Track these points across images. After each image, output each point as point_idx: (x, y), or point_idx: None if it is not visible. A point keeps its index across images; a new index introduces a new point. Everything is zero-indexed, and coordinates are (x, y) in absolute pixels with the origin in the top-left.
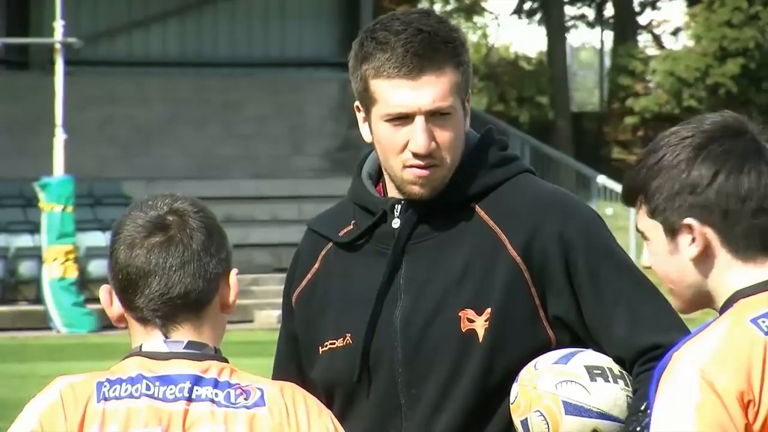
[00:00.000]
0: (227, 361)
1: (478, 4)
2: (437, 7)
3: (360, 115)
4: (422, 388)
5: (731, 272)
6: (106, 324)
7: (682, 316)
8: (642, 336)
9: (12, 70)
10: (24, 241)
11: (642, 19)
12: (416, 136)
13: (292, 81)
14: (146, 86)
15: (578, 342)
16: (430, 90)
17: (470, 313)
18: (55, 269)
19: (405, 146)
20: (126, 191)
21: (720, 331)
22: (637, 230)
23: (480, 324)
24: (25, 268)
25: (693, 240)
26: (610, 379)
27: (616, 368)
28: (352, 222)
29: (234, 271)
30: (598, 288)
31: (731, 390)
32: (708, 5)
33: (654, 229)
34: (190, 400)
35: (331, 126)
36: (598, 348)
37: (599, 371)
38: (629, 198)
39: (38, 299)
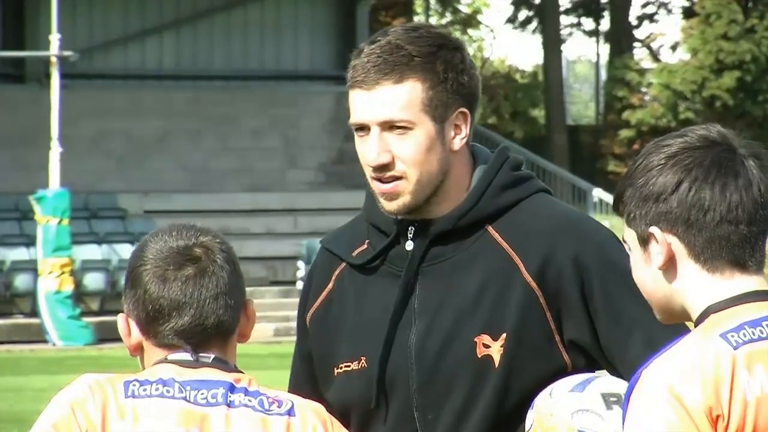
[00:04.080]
0: None
1: (473, 17)
2: (433, 20)
3: None
4: (438, 414)
5: (698, 284)
6: (102, 337)
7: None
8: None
9: (7, 83)
10: (19, 254)
11: (639, 33)
12: (368, 146)
13: (287, 94)
14: (142, 99)
15: (593, 365)
16: (383, 101)
17: (486, 338)
18: (51, 282)
19: (364, 159)
20: (122, 204)
21: (689, 347)
22: (623, 240)
23: (496, 349)
24: (21, 281)
25: (660, 251)
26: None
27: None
28: (366, 242)
29: (251, 301)
30: (613, 312)
31: (700, 406)
32: (704, 18)
33: (631, 238)
34: (228, 405)
35: (326, 139)
36: (614, 372)
37: (615, 398)
38: (616, 208)
39: (34, 312)
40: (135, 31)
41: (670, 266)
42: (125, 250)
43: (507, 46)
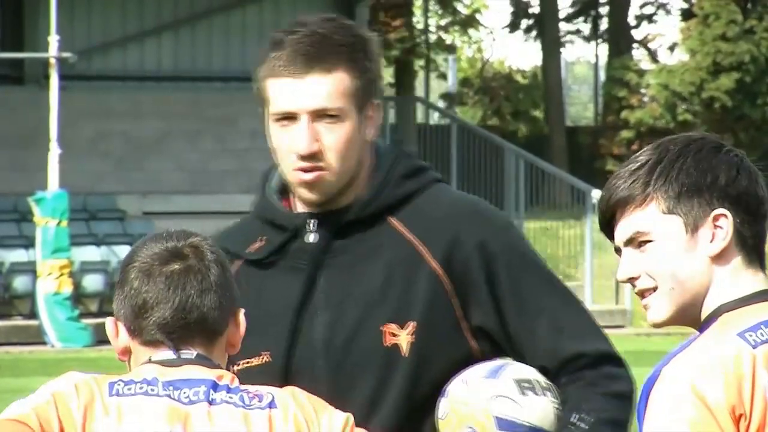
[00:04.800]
0: None
1: (473, 18)
2: (432, 21)
3: (262, 122)
4: (347, 405)
5: (733, 276)
6: (101, 339)
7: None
8: (566, 345)
9: (6, 84)
10: (18, 255)
11: (637, 34)
12: (299, 135)
13: None
14: (140, 101)
15: (500, 351)
16: (315, 89)
17: (393, 327)
18: (50, 284)
19: (291, 148)
20: (121, 206)
21: (709, 346)
22: (632, 235)
23: (403, 338)
24: (20, 282)
25: (714, 236)
26: (539, 391)
27: (543, 380)
28: (261, 238)
29: (242, 311)
30: (520, 298)
31: (723, 405)
32: (703, 19)
33: (668, 226)
34: (209, 402)
35: None
36: (519, 357)
37: (528, 384)
38: (629, 201)
39: (33, 314)
40: (134, 32)
41: (721, 253)
42: (124, 252)
43: (506, 47)
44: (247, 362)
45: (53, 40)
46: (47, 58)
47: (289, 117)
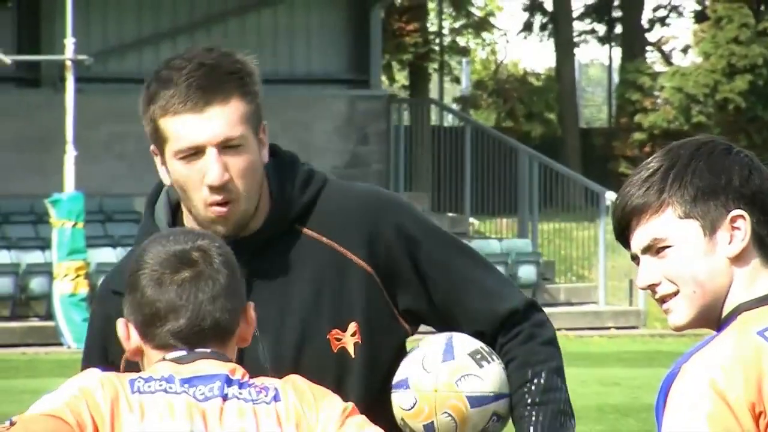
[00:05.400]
0: None
1: (487, 21)
2: (446, 24)
3: (157, 159)
4: None
5: (750, 276)
6: None
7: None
8: (497, 306)
9: (23, 87)
10: (35, 257)
11: (651, 36)
12: (209, 167)
13: (300, 98)
14: None
15: (425, 324)
16: (217, 121)
17: (336, 332)
18: (66, 285)
19: (201, 182)
20: (136, 207)
21: (728, 344)
22: (650, 243)
23: (348, 339)
24: (36, 284)
25: (732, 237)
26: (489, 359)
27: (484, 346)
28: None
29: (251, 305)
30: (443, 271)
31: (743, 401)
32: (715, 22)
33: (684, 230)
34: (224, 398)
35: (339, 143)
36: (449, 329)
37: (480, 355)
38: (645, 209)
39: (49, 315)
40: (149, 35)
41: (740, 254)
42: None
43: (520, 49)
44: None
45: (69, 42)
46: (63, 60)
47: (195, 152)
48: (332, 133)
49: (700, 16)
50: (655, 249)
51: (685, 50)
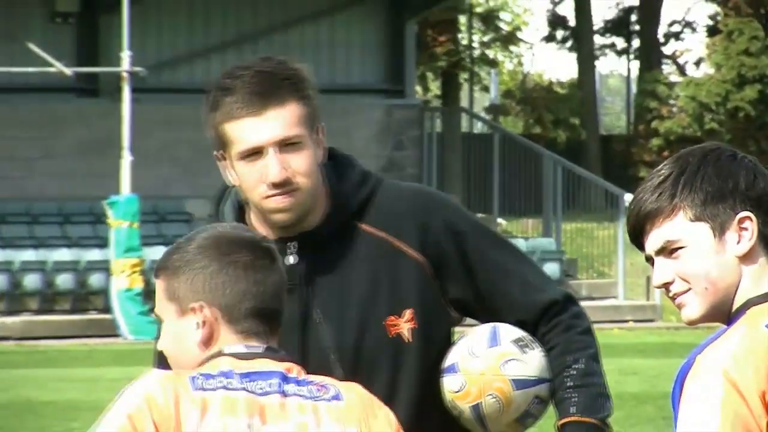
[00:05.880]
0: None
1: (514, 35)
2: (475, 38)
3: (221, 163)
4: None
5: (759, 272)
6: None
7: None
8: (538, 297)
9: (83, 97)
10: (94, 254)
11: (666, 49)
12: (269, 166)
13: (340, 107)
14: None
15: (468, 315)
16: (275, 123)
17: (392, 319)
18: (122, 281)
19: (261, 179)
20: (188, 208)
21: (739, 336)
22: (663, 245)
23: (403, 325)
24: (95, 279)
25: (740, 238)
26: (531, 345)
27: (527, 334)
28: None
29: None
30: (488, 263)
31: (753, 390)
32: (727, 35)
33: (695, 232)
34: (282, 393)
35: (376, 148)
36: (492, 318)
37: (522, 342)
38: (658, 213)
39: (107, 309)
40: (200, 48)
41: (748, 253)
42: None
43: (545, 60)
44: None
45: (126, 55)
46: (120, 72)
47: (256, 152)
48: (370, 139)
49: (712, 30)
50: (668, 250)
51: (698, 62)
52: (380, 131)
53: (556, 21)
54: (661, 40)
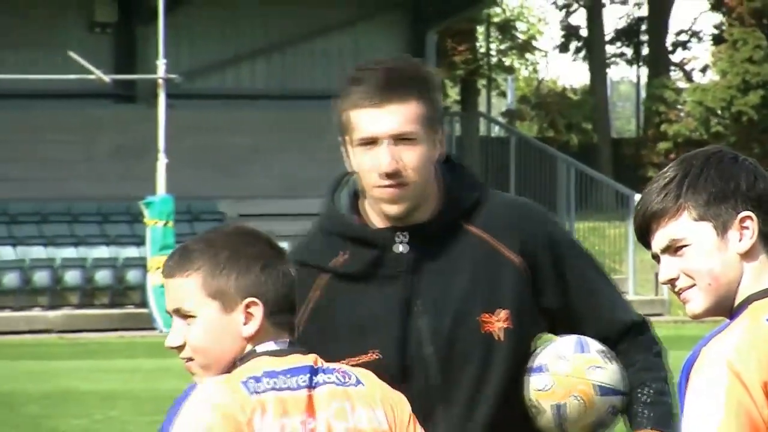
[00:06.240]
0: None
1: (529, 43)
2: (493, 46)
3: (343, 149)
4: (457, 386)
5: (759, 269)
6: None
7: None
8: (622, 317)
9: (120, 102)
10: (131, 252)
11: (674, 57)
12: (382, 156)
13: None
14: (237, 116)
15: (552, 328)
16: (393, 116)
17: (486, 316)
18: (158, 277)
19: (374, 168)
20: (220, 208)
21: (742, 329)
22: (669, 243)
23: (496, 324)
24: (132, 276)
25: (742, 236)
26: (613, 359)
27: (607, 348)
28: (343, 252)
29: None
30: (581, 280)
31: (756, 380)
32: (731, 44)
33: (699, 231)
34: (314, 386)
35: None
36: (573, 331)
37: (606, 354)
38: (663, 213)
39: (143, 303)
40: (231, 56)
41: (749, 250)
42: None
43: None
44: (355, 360)
45: (161, 63)
46: (156, 79)
47: (372, 141)
48: None
49: (717, 39)
50: (673, 248)
51: (704, 69)
52: None
53: (569, 32)
54: (669, 48)
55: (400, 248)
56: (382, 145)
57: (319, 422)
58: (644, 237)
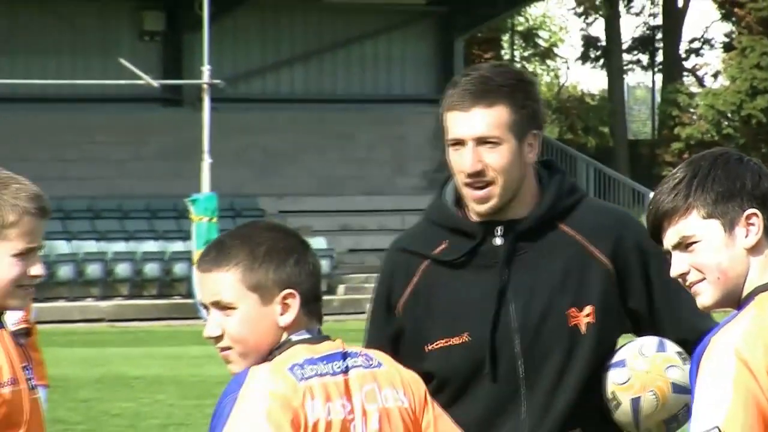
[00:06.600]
0: None
1: (551, 51)
2: (516, 54)
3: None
4: (540, 373)
5: (763, 263)
6: None
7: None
8: (700, 323)
9: (168, 106)
10: (177, 246)
11: (687, 64)
12: (465, 157)
13: (396, 114)
14: (276, 119)
15: (636, 329)
16: (478, 120)
17: (573, 311)
18: None
19: (460, 167)
20: (261, 206)
21: (749, 319)
22: (679, 240)
23: (582, 319)
24: (179, 268)
25: (748, 232)
26: (689, 361)
27: (684, 350)
28: (443, 242)
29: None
30: (666, 287)
31: (762, 367)
32: (741, 51)
33: (708, 228)
34: (348, 370)
35: (428, 151)
36: (656, 332)
37: (684, 356)
38: (674, 212)
39: (189, 294)
40: (271, 63)
41: (755, 245)
42: None
43: (579, 73)
44: (447, 341)
45: (206, 69)
46: (201, 84)
47: (459, 142)
48: (423, 142)
49: (728, 47)
50: (684, 245)
51: (715, 75)
52: (432, 137)
53: (588, 41)
54: (683, 55)
55: (497, 241)
56: (468, 146)
57: (355, 405)
58: (656, 234)
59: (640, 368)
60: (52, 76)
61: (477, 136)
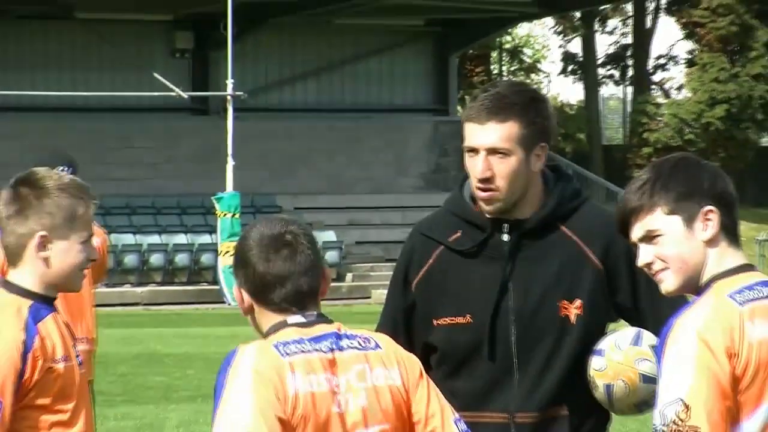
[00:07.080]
0: None
1: (535, 66)
2: (504, 68)
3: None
4: (532, 355)
5: (720, 254)
6: None
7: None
8: None
9: (195, 115)
10: (205, 239)
11: (654, 78)
12: (478, 164)
13: (398, 122)
14: (292, 126)
15: (625, 318)
16: (491, 133)
17: (565, 303)
18: (227, 259)
19: (473, 172)
20: (278, 203)
21: (708, 304)
22: (645, 234)
23: (572, 310)
24: (206, 258)
25: (706, 226)
26: None
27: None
28: (458, 231)
29: (326, 267)
30: (651, 286)
31: (720, 346)
32: (701, 67)
33: (671, 223)
34: (340, 349)
35: (426, 155)
36: (639, 325)
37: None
38: (640, 209)
39: (215, 281)
40: (287, 77)
41: (712, 238)
42: None
43: (559, 86)
44: (452, 320)
45: (230, 83)
46: (225, 95)
47: (473, 150)
48: (421, 148)
49: (690, 63)
50: (649, 238)
51: (679, 87)
52: (429, 142)
53: (567, 58)
54: (651, 70)
55: (504, 237)
56: (480, 155)
57: (341, 380)
58: (624, 228)
59: (614, 359)
60: (95, 88)
61: (489, 147)
